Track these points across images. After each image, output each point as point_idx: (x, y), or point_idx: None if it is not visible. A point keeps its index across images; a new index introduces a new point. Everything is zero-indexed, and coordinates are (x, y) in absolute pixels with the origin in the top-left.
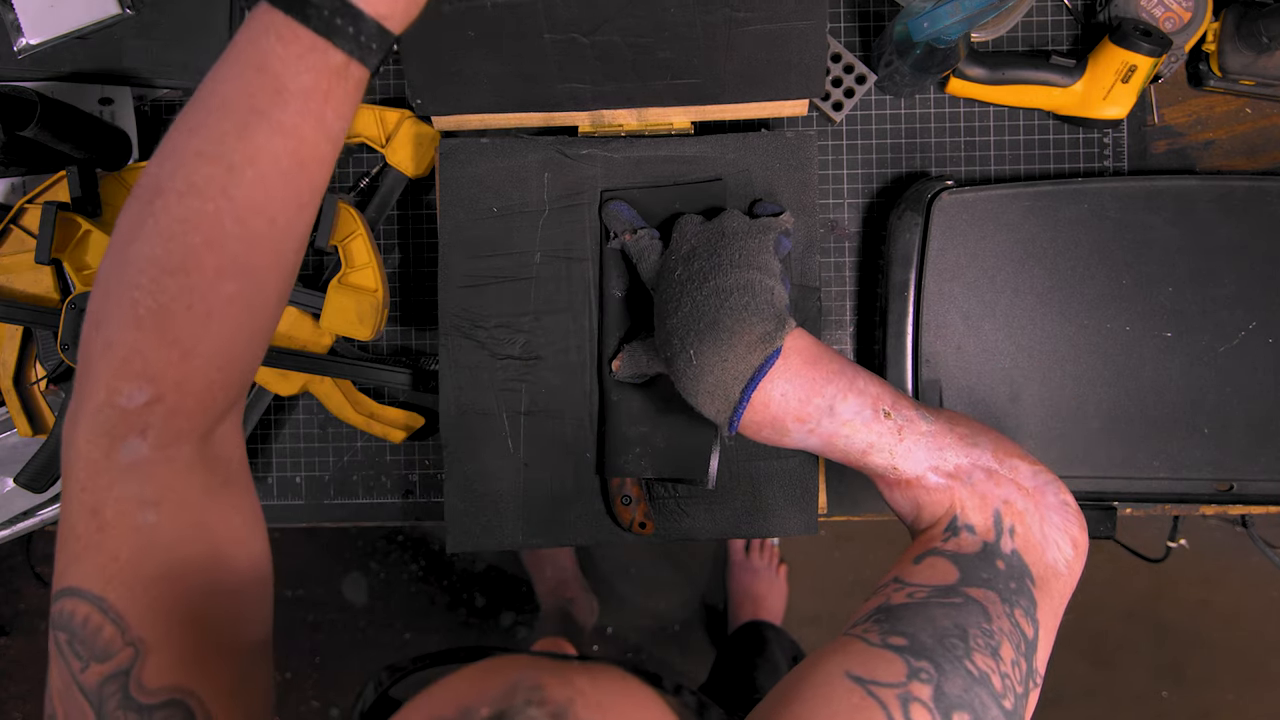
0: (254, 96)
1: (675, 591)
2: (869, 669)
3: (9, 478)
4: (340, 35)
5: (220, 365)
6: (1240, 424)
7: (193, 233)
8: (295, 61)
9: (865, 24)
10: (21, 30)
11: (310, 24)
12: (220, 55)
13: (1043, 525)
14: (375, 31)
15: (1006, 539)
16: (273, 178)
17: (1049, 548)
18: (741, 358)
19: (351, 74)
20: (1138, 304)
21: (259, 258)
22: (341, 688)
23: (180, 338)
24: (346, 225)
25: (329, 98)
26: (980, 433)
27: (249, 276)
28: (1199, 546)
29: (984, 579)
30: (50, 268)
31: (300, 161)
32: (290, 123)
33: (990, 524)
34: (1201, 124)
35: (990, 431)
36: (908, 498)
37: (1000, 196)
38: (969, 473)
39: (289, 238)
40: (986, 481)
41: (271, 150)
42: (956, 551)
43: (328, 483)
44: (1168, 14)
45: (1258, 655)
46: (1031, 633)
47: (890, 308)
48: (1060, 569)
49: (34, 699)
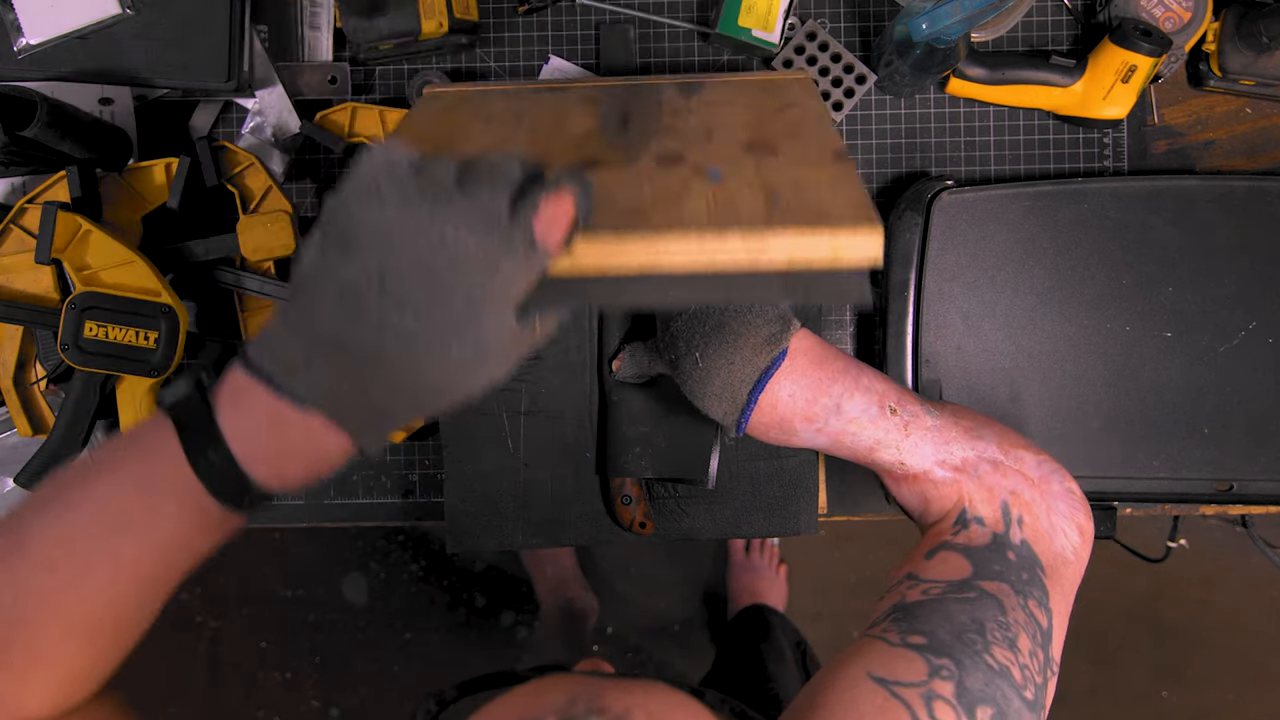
0: (125, 508)
1: (675, 591)
2: (891, 669)
3: (9, 478)
4: (229, 502)
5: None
6: (1240, 424)
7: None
8: (174, 499)
9: (865, 24)
10: (21, 30)
11: (203, 481)
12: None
13: (1050, 514)
14: (261, 496)
15: (1015, 529)
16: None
17: (1057, 536)
18: (748, 360)
19: (225, 523)
20: (1138, 304)
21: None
22: (341, 688)
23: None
24: (234, 162)
25: (190, 535)
26: (985, 425)
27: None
28: (1199, 546)
29: (996, 571)
30: (50, 268)
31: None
32: (138, 539)
33: (999, 515)
34: (1201, 124)
35: (994, 424)
36: (915, 492)
37: (1000, 196)
38: (975, 465)
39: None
40: (993, 473)
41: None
42: (968, 545)
43: (328, 482)
44: (1168, 14)
45: (1258, 655)
46: (1046, 622)
47: (890, 308)
48: (1069, 556)
49: None
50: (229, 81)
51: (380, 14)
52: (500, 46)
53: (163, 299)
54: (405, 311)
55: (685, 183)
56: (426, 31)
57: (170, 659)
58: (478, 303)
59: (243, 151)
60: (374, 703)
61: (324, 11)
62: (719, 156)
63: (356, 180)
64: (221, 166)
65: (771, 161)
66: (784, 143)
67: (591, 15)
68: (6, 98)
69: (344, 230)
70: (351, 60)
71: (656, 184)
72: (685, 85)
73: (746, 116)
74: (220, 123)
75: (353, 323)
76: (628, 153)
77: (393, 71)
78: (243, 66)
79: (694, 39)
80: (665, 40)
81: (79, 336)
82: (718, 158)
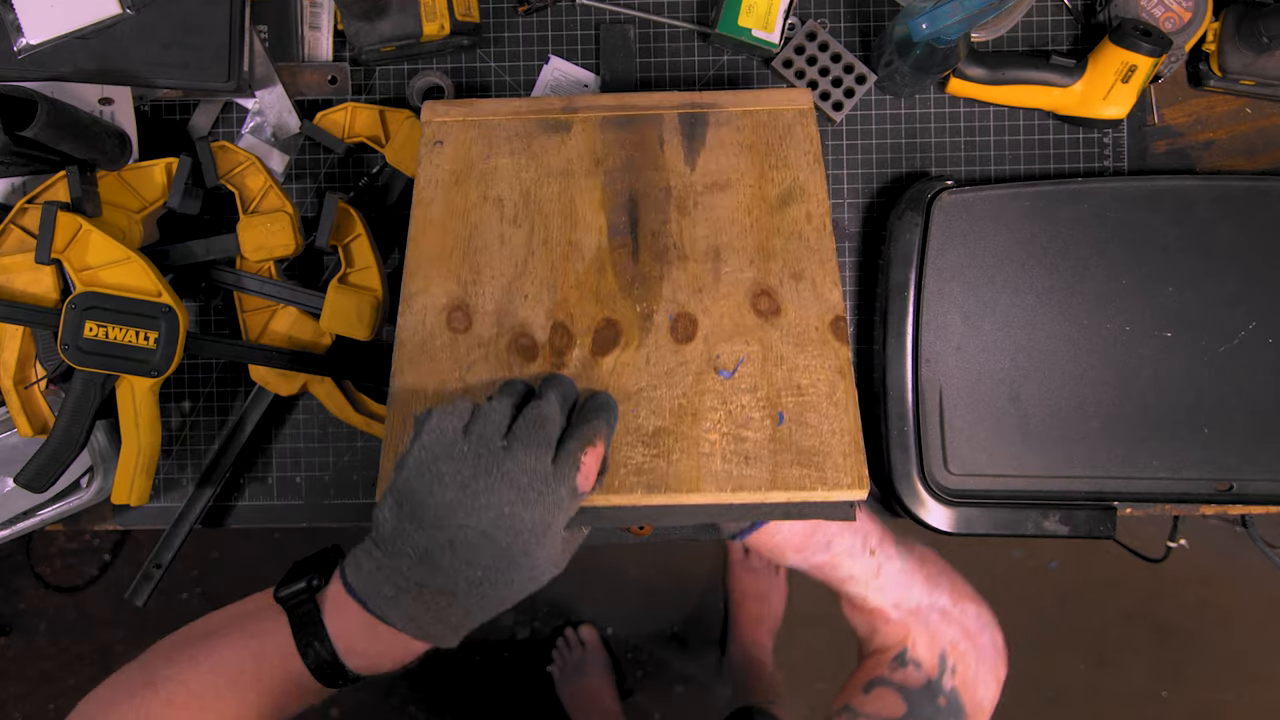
0: (239, 672)
1: (675, 592)
2: None
3: (9, 478)
4: (326, 683)
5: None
6: (1240, 424)
7: None
8: (280, 672)
9: (865, 24)
10: (21, 30)
11: (308, 666)
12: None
13: (978, 666)
14: (354, 679)
15: (948, 677)
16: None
17: (980, 687)
18: None
19: (319, 694)
20: (1138, 304)
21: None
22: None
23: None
24: (348, 226)
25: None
26: (943, 573)
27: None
28: (1199, 546)
29: (928, 715)
30: (51, 268)
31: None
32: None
33: (936, 661)
34: (1201, 124)
35: (951, 572)
36: (866, 622)
37: (1000, 196)
38: (926, 612)
39: None
40: (940, 621)
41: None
42: (904, 684)
43: (328, 483)
44: (1168, 14)
45: (1258, 655)
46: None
47: (890, 308)
48: (986, 707)
49: (34, 699)
50: (229, 81)
51: (382, 17)
52: (500, 47)
53: (163, 299)
54: (474, 566)
55: (698, 380)
56: (428, 34)
57: None
58: (533, 548)
59: (242, 151)
60: (374, 703)
61: (324, 11)
62: (728, 318)
63: (419, 457)
64: (324, 224)
65: (775, 336)
66: (787, 290)
67: (591, 15)
68: (6, 98)
69: (414, 506)
70: (352, 60)
71: (675, 385)
72: (688, 121)
73: (750, 220)
74: (220, 123)
75: (430, 575)
76: (644, 301)
77: (393, 71)
78: (243, 66)
79: (694, 39)
80: (665, 40)
81: (79, 336)
82: (728, 321)
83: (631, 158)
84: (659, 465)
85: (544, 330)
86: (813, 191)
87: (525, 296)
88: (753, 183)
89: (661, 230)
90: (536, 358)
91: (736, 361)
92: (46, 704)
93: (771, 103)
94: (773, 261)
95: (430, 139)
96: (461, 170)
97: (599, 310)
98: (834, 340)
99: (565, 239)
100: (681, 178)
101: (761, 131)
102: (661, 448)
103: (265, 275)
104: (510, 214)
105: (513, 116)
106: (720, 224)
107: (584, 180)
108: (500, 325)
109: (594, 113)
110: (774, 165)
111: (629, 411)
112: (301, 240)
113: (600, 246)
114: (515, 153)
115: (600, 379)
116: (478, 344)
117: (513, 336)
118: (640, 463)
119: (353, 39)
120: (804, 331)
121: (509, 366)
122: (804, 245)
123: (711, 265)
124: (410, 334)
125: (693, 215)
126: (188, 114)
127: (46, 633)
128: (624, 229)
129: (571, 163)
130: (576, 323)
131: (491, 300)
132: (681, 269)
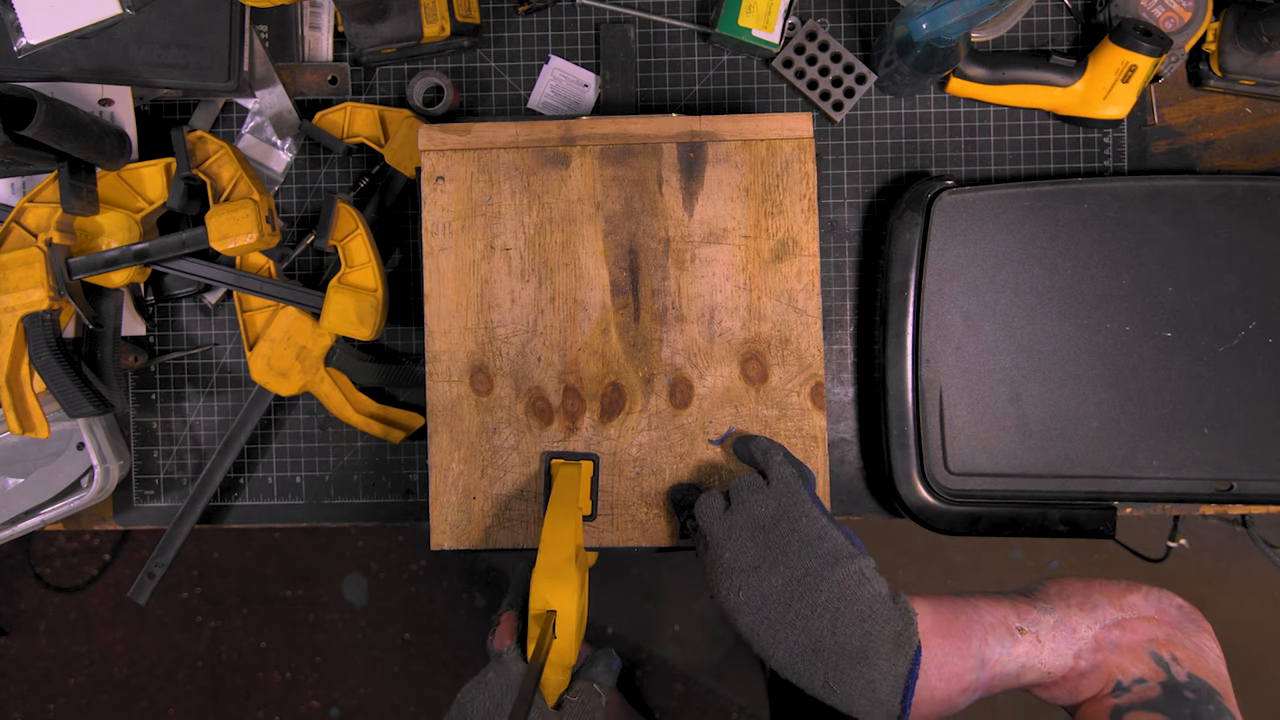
0: None
1: (675, 591)
2: None
3: (9, 478)
4: None
5: None
6: (1240, 424)
7: None
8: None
9: (865, 24)
10: (21, 30)
11: None
12: None
13: (1187, 640)
14: None
15: (1177, 669)
16: None
17: (1206, 656)
18: (885, 675)
19: None
20: (1138, 304)
21: None
22: (342, 688)
23: None
24: (346, 225)
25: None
26: (1089, 588)
27: None
28: (1199, 546)
29: (1189, 715)
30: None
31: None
32: None
33: (1154, 666)
34: (1201, 124)
35: (1094, 581)
36: (1067, 692)
37: (1000, 196)
38: (1107, 637)
39: None
40: (1125, 633)
41: None
42: (1145, 701)
43: (328, 483)
44: (1168, 14)
45: (1258, 655)
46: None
47: (890, 308)
48: (1221, 669)
49: (34, 699)
50: (229, 81)
51: (382, 19)
52: (501, 47)
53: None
54: None
55: (692, 445)
56: (428, 35)
57: (170, 659)
58: None
59: (215, 140)
60: (374, 703)
61: (324, 12)
62: (721, 384)
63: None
64: (322, 224)
65: (760, 403)
66: (774, 356)
67: (591, 15)
68: (6, 98)
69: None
70: (352, 61)
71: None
72: (686, 157)
73: (744, 276)
74: (220, 123)
75: None
76: (645, 365)
77: (393, 72)
78: (243, 66)
79: (694, 39)
80: (665, 40)
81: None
82: (720, 387)
83: (630, 202)
84: (657, 523)
85: (557, 395)
86: (804, 244)
87: (539, 360)
88: (748, 233)
89: (661, 288)
90: (553, 422)
91: (725, 431)
92: (46, 704)
93: (771, 131)
94: (763, 324)
95: (431, 173)
96: (466, 214)
97: (605, 373)
98: (812, 409)
99: (571, 297)
100: (680, 225)
101: (760, 171)
102: (660, 508)
103: (265, 275)
104: (518, 267)
105: (510, 145)
106: (716, 281)
107: (586, 228)
108: (517, 388)
109: (592, 142)
110: (769, 213)
111: (632, 474)
112: (269, 229)
113: (604, 306)
114: (516, 193)
115: (608, 445)
116: (499, 406)
117: (529, 400)
118: (642, 520)
119: (353, 41)
120: (785, 398)
121: (528, 429)
122: (793, 308)
123: (706, 327)
124: (439, 397)
125: (690, 270)
126: (188, 114)
127: (46, 633)
128: (626, 286)
129: (572, 205)
130: (585, 386)
131: (508, 361)
132: (679, 331)
